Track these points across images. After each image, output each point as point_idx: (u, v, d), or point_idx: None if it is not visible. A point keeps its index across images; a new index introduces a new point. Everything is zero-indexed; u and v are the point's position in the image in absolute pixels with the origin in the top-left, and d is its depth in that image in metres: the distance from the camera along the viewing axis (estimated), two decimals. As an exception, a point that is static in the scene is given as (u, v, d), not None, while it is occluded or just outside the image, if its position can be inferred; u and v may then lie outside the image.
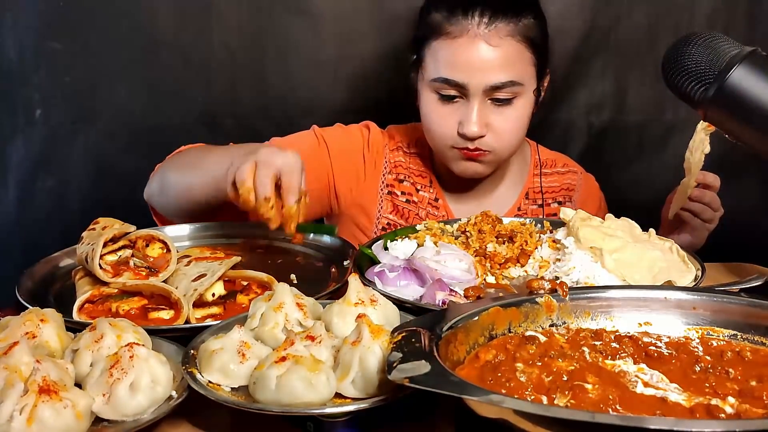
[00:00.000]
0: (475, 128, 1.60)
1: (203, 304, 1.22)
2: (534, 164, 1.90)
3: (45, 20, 2.05)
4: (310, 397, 0.90)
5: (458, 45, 1.59)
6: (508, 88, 1.60)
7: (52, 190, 2.15)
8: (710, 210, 1.62)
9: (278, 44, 2.13)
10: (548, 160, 1.92)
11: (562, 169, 1.92)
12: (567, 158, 1.97)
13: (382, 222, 1.81)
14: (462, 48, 1.59)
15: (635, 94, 2.21)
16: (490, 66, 1.58)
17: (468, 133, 1.60)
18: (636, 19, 2.16)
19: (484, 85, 1.58)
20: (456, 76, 1.59)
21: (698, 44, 1.15)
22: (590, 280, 1.28)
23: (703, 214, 1.62)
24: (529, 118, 1.68)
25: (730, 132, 1.18)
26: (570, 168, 1.94)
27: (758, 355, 0.98)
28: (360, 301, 1.07)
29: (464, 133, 1.61)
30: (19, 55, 2.06)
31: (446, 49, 1.61)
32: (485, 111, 1.61)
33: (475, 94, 1.59)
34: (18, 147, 2.11)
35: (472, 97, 1.60)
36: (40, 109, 2.10)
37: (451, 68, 1.60)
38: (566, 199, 1.89)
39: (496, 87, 1.59)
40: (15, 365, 0.91)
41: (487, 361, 0.94)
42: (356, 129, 1.84)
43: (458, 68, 1.59)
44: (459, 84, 1.59)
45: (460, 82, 1.59)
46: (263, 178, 1.32)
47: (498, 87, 1.59)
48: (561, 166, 1.93)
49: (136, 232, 1.29)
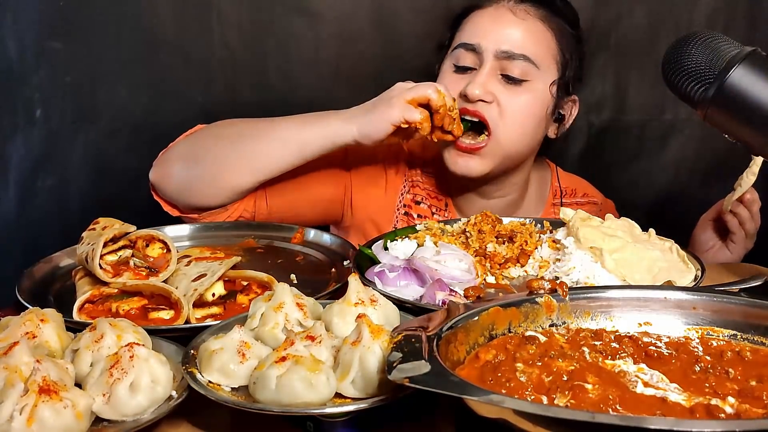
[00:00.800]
0: (477, 90, 1.56)
1: (203, 304, 1.22)
2: (553, 193, 1.85)
3: (45, 20, 2.05)
4: (310, 397, 0.90)
5: (483, 13, 1.63)
6: (521, 62, 1.57)
7: (52, 189, 2.15)
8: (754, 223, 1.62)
9: (278, 44, 2.13)
10: (568, 188, 1.86)
11: (581, 200, 1.87)
12: (587, 185, 1.92)
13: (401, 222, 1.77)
14: (485, 15, 1.63)
15: (635, 94, 2.21)
16: (506, 33, 1.59)
17: (469, 93, 1.56)
18: (636, 19, 2.16)
19: (495, 50, 1.57)
20: (471, 39, 1.60)
21: (698, 44, 1.15)
22: (590, 280, 1.28)
23: (748, 224, 1.62)
24: (540, 122, 1.64)
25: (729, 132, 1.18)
26: (590, 199, 1.88)
27: (758, 355, 0.98)
28: (360, 301, 1.07)
29: (465, 92, 1.58)
30: (19, 54, 2.06)
31: (471, 19, 1.64)
32: (494, 82, 1.59)
33: (487, 59, 1.58)
34: (18, 146, 2.11)
35: (483, 63, 1.59)
36: (41, 108, 2.10)
37: (470, 34, 1.62)
38: None
39: (507, 54, 1.57)
40: (15, 365, 0.91)
41: (487, 361, 0.94)
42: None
43: (476, 33, 1.61)
44: (472, 47, 1.60)
45: (473, 45, 1.59)
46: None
47: (510, 56, 1.57)
48: (581, 195, 1.88)
49: (136, 232, 1.29)
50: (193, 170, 1.57)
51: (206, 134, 1.62)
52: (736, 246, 1.66)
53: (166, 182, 1.60)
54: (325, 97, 2.14)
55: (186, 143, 1.61)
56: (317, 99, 2.13)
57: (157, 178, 1.62)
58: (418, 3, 2.11)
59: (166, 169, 1.60)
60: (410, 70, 2.08)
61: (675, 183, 2.28)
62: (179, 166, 1.58)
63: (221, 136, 1.59)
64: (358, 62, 2.15)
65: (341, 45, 2.13)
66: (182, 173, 1.58)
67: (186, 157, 1.58)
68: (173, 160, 1.60)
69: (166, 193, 1.61)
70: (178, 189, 1.59)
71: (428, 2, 2.10)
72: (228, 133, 1.59)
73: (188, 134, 1.64)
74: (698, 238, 1.72)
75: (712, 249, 1.69)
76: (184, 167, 1.58)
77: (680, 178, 2.28)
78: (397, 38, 2.12)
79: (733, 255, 1.67)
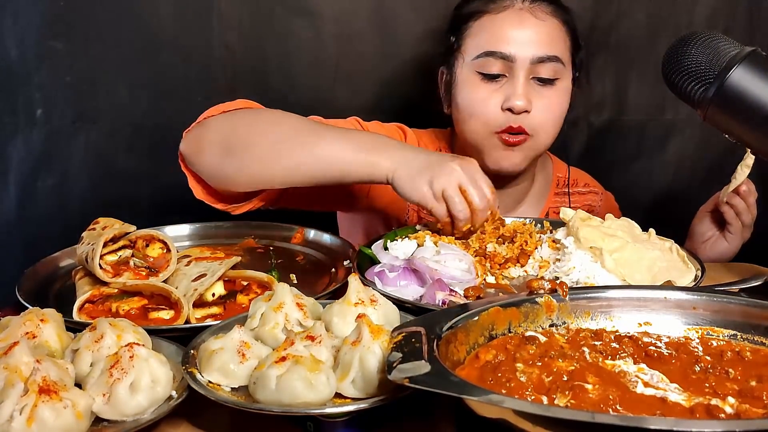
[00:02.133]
0: (521, 101, 1.57)
1: (203, 304, 1.22)
2: (555, 182, 1.87)
3: (46, 20, 2.05)
4: (310, 397, 0.90)
5: (503, 18, 1.60)
6: (552, 63, 1.59)
7: (52, 189, 2.15)
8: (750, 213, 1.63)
9: (278, 44, 2.13)
10: (571, 179, 1.88)
11: (583, 189, 1.90)
12: (589, 177, 1.95)
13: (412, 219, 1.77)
14: (508, 20, 1.59)
15: (635, 94, 2.21)
16: (537, 38, 1.58)
17: (515, 107, 1.57)
18: (636, 19, 2.16)
19: (531, 57, 1.57)
20: (503, 48, 1.58)
21: (698, 44, 1.15)
22: (590, 280, 1.28)
23: (744, 214, 1.63)
24: (566, 109, 1.67)
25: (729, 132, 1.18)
26: (591, 189, 1.92)
27: (758, 355, 0.98)
28: (360, 301, 1.07)
29: (511, 106, 1.57)
30: (20, 54, 2.06)
31: (491, 25, 1.61)
32: (529, 87, 1.60)
33: (521, 67, 1.58)
34: (18, 146, 2.11)
35: (517, 71, 1.58)
36: (41, 108, 2.10)
37: (497, 41, 1.59)
38: None
39: (541, 59, 1.58)
40: (15, 365, 0.91)
41: (487, 362, 0.94)
42: (394, 128, 1.78)
43: (505, 40, 1.58)
44: (505, 56, 1.58)
45: (507, 54, 1.58)
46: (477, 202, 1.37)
47: (543, 60, 1.58)
48: (582, 186, 1.90)
49: (136, 232, 1.29)
50: (228, 159, 1.49)
51: (248, 124, 1.52)
52: (733, 237, 1.67)
53: (198, 160, 1.54)
54: (325, 97, 2.14)
55: (225, 126, 1.52)
56: (317, 99, 2.13)
57: (190, 152, 1.54)
58: (418, 3, 2.11)
59: (200, 147, 1.53)
60: (410, 71, 2.09)
61: (675, 183, 2.28)
62: (215, 150, 1.50)
63: (263, 134, 1.49)
64: (358, 62, 2.15)
65: (341, 45, 2.13)
66: (217, 159, 1.50)
67: (222, 144, 1.50)
68: (208, 141, 1.51)
69: (197, 169, 1.55)
70: (209, 172, 1.53)
71: (428, 2, 2.10)
72: (270, 132, 1.49)
73: (227, 110, 1.55)
74: (696, 229, 1.73)
75: (709, 240, 1.71)
76: (219, 154, 1.50)
77: (680, 178, 2.28)
78: (397, 38, 2.12)
79: (731, 245, 1.68)
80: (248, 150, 1.48)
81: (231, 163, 1.48)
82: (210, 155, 1.51)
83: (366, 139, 1.46)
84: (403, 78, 2.02)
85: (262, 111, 1.57)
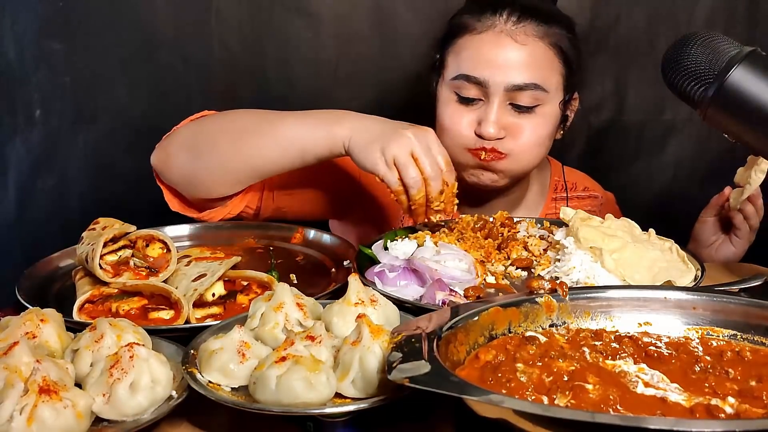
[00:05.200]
0: (492, 129, 1.52)
1: (203, 304, 1.22)
2: (553, 187, 1.85)
3: (44, 20, 2.05)
4: (310, 397, 0.90)
5: (482, 40, 1.54)
6: (531, 91, 1.53)
7: (52, 190, 2.15)
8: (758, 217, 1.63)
9: (278, 44, 2.13)
10: (569, 182, 1.85)
11: (582, 194, 1.87)
12: (588, 179, 1.92)
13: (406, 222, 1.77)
14: (486, 43, 1.54)
15: (635, 94, 2.22)
16: (513, 64, 1.52)
17: (485, 133, 1.53)
18: (636, 19, 2.16)
19: (505, 84, 1.52)
20: (476, 73, 1.53)
21: (698, 44, 1.15)
22: (590, 280, 1.28)
23: (753, 219, 1.63)
24: (552, 136, 1.63)
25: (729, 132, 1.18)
26: (591, 193, 1.88)
27: (758, 355, 0.98)
28: (360, 301, 1.07)
29: (481, 133, 1.54)
30: (18, 55, 2.06)
31: (469, 45, 1.56)
32: (505, 114, 1.55)
33: (496, 93, 1.53)
34: (18, 147, 2.11)
35: (492, 97, 1.53)
36: (40, 109, 2.10)
37: (474, 65, 1.54)
38: None
39: (518, 87, 1.52)
40: (15, 365, 0.91)
41: (487, 362, 0.94)
42: None
43: (480, 64, 1.53)
44: (479, 81, 1.53)
45: (480, 79, 1.53)
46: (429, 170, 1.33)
47: (520, 87, 1.52)
48: (582, 190, 1.87)
49: (136, 232, 1.29)
50: (195, 161, 1.52)
51: (210, 125, 1.55)
52: (740, 241, 1.67)
53: (168, 169, 1.56)
54: (325, 97, 2.14)
55: (189, 131, 1.55)
56: (317, 99, 2.13)
57: (159, 163, 1.57)
58: (417, 3, 2.11)
59: (168, 155, 1.55)
60: (409, 71, 2.09)
61: (675, 183, 2.29)
62: (182, 155, 1.53)
63: (225, 130, 1.52)
64: (357, 62, 2.15)
65: (340, 45, 2.14)
66: (185, 164, 1.53)
67: (188, 147, 1.53)
68: (175, 147, 1.54)
69: (169, 179, 1.58)
70: (181, 179, 1.56)
71: (427, 2, 2.10)
72: (232, 127, 1.52)
73: (192, 119, 1.58)
74: (701, 235, 1.72)
75: (715, 244, 1.70)
76: (186, 158, 1.53)
77: (680, 178, 2.28)
78: (396, 38, 2.13)
79: (737, 249, 1.68)
80: (213, 147, 1.50)
81: (198, 164, 1.51)
82: (178, 161, 1.53)
83: (325, 115, 1.47)
84: (403, 78, 2.02)
85: (225, 112, 1.58)
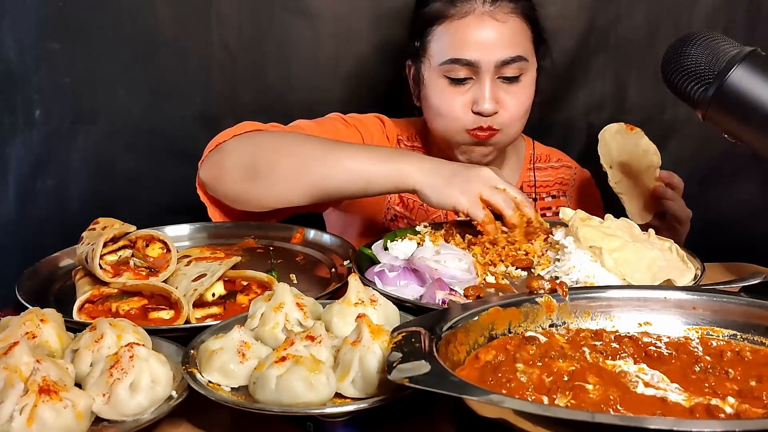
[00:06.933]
0: (489, 105, 1.61)
1: (203, 304, 1.22)
2: (528, 159, 1.92)
3: (44, 21, 2.05)
4: (310, 397, 0.90)
5: (466, 24, 1.62)
6: (516, 63, 1.63)
7: (52, 190, 2.15)
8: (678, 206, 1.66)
9: (278, 44, 2.12)
10: (542, 154, 1.94)
11: (556, 164, 1.95)
12: (561, 153, 2.00)
13: (390, 213, 1.81)
14: (470, 26, 1.62)
15: (635, 94, 2.21)
16: (499, 42, 1.62)
17: (483, 110, 1.62)
18: (636, 18, 2.16)
19: (495, 61, 1.61)
20: (467, 55, 1.61)
21: (698, 44, 1.15)
22: (590, 279, 1.28)
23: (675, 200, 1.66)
24: (532, 98, 1.71)
25: (729, 132, 1.18)
26: (564, 163, 1.97)
27: (758, 355, 0.98)
28: (360, 301, 1.07)
29: (480, 110, 1.63)
30: (18, 55, 2.06)
31: (454, 30, 1.64)
32: (495, 88, 1.64)
33: (487, 71, 1.61)
34: (18, 147, 2.11)
35: (483, 75, 1.62)
36: (40, 109, 2.10)
37: (461, 48, 1.62)
38: (560, 193, 1.91)
39: (505, 62, 1.62)
40: (15, 365, 0.91)
41: (487, 362, 0.94)
42: (373, 118, 1.85)
43: (469, 47, 1.62)
44: (470, 62, 1.61)
45: (471, 60, 1.61)
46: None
47: (507, 62, 1.62)
48: (555, 160, 1.96)
49: (136, 232, 1.29)
50: (253, 182, 1.53)
51: (268, 146, 1.55)
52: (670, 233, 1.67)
53: (221, 185, 1.58)
54: (325, 97, 2.14)
55: (245, 151, 1.55)
56: (316, 98, 2.13)
57: (210, 178, 1.58)
58: (417, 3, 2.11)
59: (223, 172, 1.56)
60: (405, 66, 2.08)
61: (674, 183, 2.28)
62: (238, 175, 1.54)
63: (287, 155, 1.53)
64: (356, 62, 2.15)
65: (340, 45, 2.13)
66: (241, 184, 1.55)
67: (245, 167, 1.53)
68: (230, 165, 1.55)
69: (220, 194, 1.59)
70: (234, 197, 1.58)
71: (427, 2, 2.09)
72: (295, 152, 1.53)
73: (240, 134, 1.58)
74: None
75: None
76: (243, 178, 1.53)
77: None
78: (395, 39, 2.12)
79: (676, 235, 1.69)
80: (274, 171, 1.52)
81: (257, 185, 1.53)
82: (233, 180, 1.55)
83: (385, 150, 1.55)
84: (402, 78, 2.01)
85: (280, 133, 1.62)
